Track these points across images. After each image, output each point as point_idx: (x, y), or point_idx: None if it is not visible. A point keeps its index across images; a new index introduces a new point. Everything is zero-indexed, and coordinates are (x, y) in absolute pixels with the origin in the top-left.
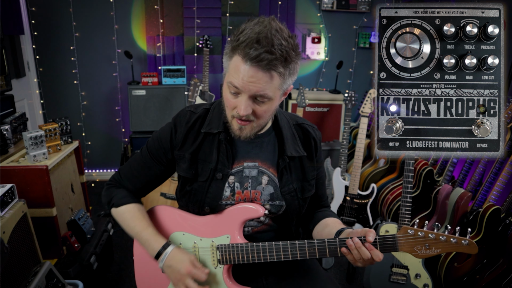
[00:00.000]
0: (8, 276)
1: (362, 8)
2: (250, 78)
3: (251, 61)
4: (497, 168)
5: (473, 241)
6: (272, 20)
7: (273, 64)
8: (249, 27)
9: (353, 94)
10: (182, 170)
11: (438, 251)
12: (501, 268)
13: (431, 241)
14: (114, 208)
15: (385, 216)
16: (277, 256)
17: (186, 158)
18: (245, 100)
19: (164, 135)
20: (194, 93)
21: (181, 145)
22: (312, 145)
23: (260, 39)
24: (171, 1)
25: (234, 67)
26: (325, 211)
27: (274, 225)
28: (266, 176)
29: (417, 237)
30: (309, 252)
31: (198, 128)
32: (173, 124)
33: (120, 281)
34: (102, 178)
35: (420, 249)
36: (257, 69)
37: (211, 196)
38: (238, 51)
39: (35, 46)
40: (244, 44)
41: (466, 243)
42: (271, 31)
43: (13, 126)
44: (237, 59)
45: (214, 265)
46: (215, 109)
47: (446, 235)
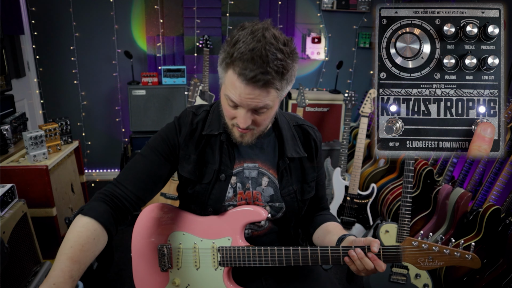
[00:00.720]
0: (8, 276)
1: (362, 8)
2: (248, 95)
3: (247, 81)
4: (497, 168)
5: (476, 256)
6: (266, 31)
7: (270, 83)
8: (242, 38)
9: (353, 94)
10: (187, 172)
11: (441, 264)
12: (501, 268)
13: (434, 254)
14: (79, 216)
15: (385, 216)
16: (279, 262)
17: (192, 159)
18: (244, 114)
19: (170, 133)
20: (194, 93)
21: (184, 145)
22: (312, 147)
23: (254, 58)
24: (171, 1)
25: (230, 82)
26: (325, 215)
27: (274, 228)
28: (266, 177)
29: (421, 249)
30: (312, 259)
31: (200, 130)
32: (177, 123)
33: (120, 281)
34: (102, 178)
35: (424, 261)
36: (254, 87)
37: (214, 198)
38: (233, 67)
39: (35, 46)
40: (239, 63)
41: (470, 258)
42: (265, 46)
43: (13, 126)
44: (232, 75)
45: (215, 267)
46: (214, 111)
47: (450, 249)
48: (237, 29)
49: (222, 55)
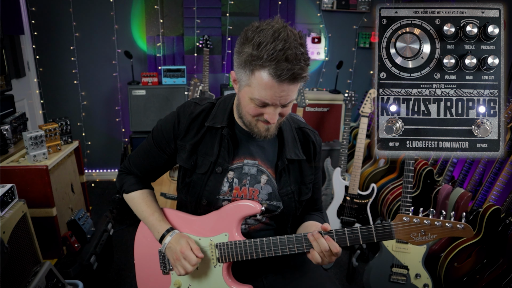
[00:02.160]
0: (8, 276)
1: (362, 8)
2: (281, 93)
3: (285, 80)
4: (497, 168)
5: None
6: (290, 30)
7: (302, 76)
8: (266, 40)
9: (353, 94)
10: (182, 160)
11: (434, 236)
12: (501, 268)
13: (426, 227)
14: (125, 194)
15: (385, 216)
16: (275, 251)
17: (187, 148)
18: (273, 110)
19: (167, 126)
20: (194, 93)
21: (183, 135)
22: (311, 150)
23: (288, 57)
24: (171, 1)
25: (261, 84)
26: (312, 215)
27: (271, 224)
28: (265, 175)
29: (413, 223)
30: (307, 246)
31: (202, 120)
32: (176, 114)
33: (120, 281)
34: (102, 178)
35: (416, 236)
36: (289, 84)
37: (209, 189)
38: (266, 68)
39: (35, 46)
40: (273, 63)
41: (462, 227)
42: (294, 44)
43: (13, 126)
44: (265, 76)
45: (214, 264)
46: (220, 104)
47: (441, 220)
48: (253, 31)
49: (243, 57)
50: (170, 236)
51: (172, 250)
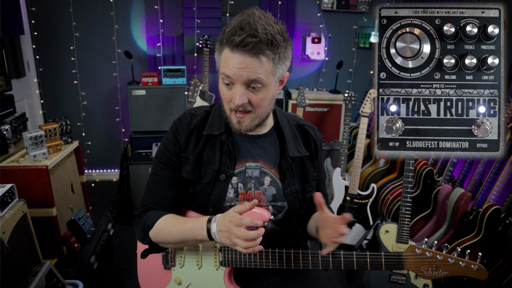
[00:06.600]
0: (8, 276)
1: (362, 8)
2: (239, 65)
3: (237, 47)
4: (497, 168)
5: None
6: (255, 9)
7: (259, 48)
8: (233, 20)
9: (353, 94)
10: (186, 173)
11: (445, 273)
12: (501, 268)
13: (438, 262)
14: (151, 232)
15: (385, 216)
16: (280, 264)
17: (190, 160)
18: (239, 89)
19: (169, 140)
20: (194, 93)
21: (185, 147)
22: (312, 146)
23: (243, 26)
24: (171, 1)
25: (224, 59)
26: None
27: (275, 228)
28: (268, 177)
29: (424, 257)
30: (313, 264)
31: (199, 130)
32: (174, 127)
33: (120, 281)
34: (102, 178)
35: (427, 270)
36: (245, 55)
37: (214, 198)
38: (224, 42)
39: (35, 46)
40: (228, 34)
41: (476, 268)
42: (254, 18)
43: (13, 126)
44: (225, 51)
45: (216, 267)
46: (215, 111)
47: (455, 258)
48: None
49: (217, 41)
50: (214, 223)
51: (222, 228)
